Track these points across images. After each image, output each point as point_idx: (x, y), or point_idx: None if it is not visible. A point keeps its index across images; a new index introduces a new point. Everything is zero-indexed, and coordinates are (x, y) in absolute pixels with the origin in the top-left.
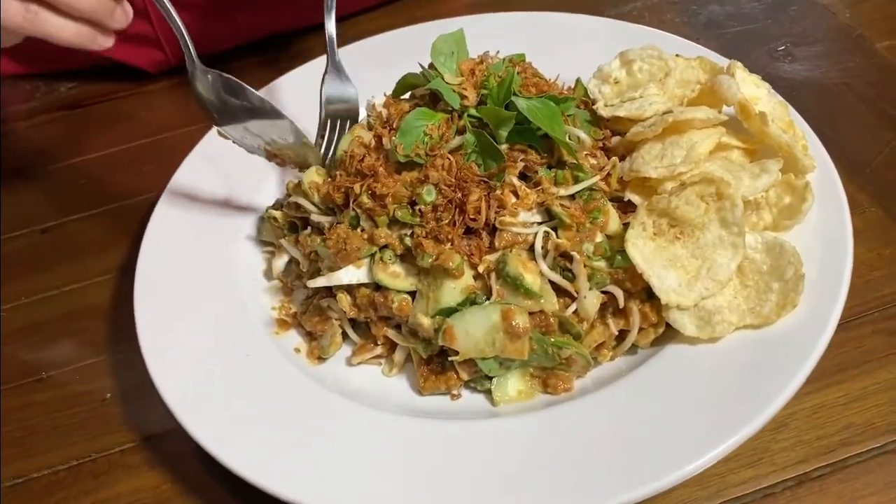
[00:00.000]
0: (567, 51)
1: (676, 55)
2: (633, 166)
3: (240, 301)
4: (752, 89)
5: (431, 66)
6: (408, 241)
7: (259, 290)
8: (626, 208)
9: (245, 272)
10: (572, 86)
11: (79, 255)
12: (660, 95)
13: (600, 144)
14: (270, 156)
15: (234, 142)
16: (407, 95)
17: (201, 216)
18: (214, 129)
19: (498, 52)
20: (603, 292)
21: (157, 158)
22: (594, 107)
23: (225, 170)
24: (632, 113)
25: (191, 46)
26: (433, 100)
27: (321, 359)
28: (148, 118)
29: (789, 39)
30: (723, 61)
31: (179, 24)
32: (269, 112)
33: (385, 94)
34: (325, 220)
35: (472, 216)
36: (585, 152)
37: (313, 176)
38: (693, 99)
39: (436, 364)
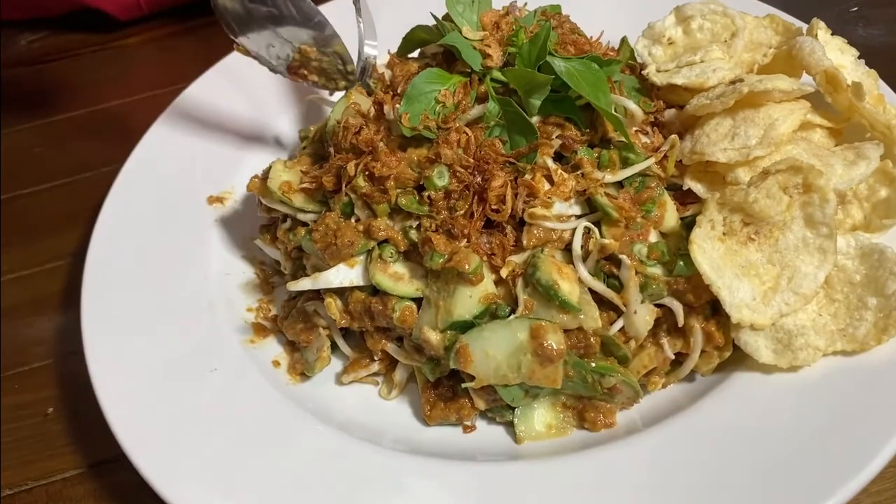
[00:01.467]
0: (610, 3)
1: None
2: (697, 147)
3: (209, 301)
4: (836, 55)
5: (446, 17)
6: (413, 235)
7: (233, 287)
8: (685, 199)
9: (217, 264)
10: (616, 46)
11: (30, 236)
12: (725, 60)
13: (652, 119)
14: (295, 70)
15: (254, 57)
16: (415, 53)
17: (168, 195)
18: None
19: (526, 3)
20: (657, 306)
21: (126, 124)
22: (644, 72)
23: (198, 139)
24: (691, 81)
25: None
26: (448, 59)
27: (304, 375)
28: (117, 77)
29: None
30: (795, 23)
31: None
32: (299, 15)
33: (388, 52)
34: (310, 217)
35: (494, 206)
36: (635, 128)
37: (282, 175)
38: (765, 66)
39: (445, 388)
